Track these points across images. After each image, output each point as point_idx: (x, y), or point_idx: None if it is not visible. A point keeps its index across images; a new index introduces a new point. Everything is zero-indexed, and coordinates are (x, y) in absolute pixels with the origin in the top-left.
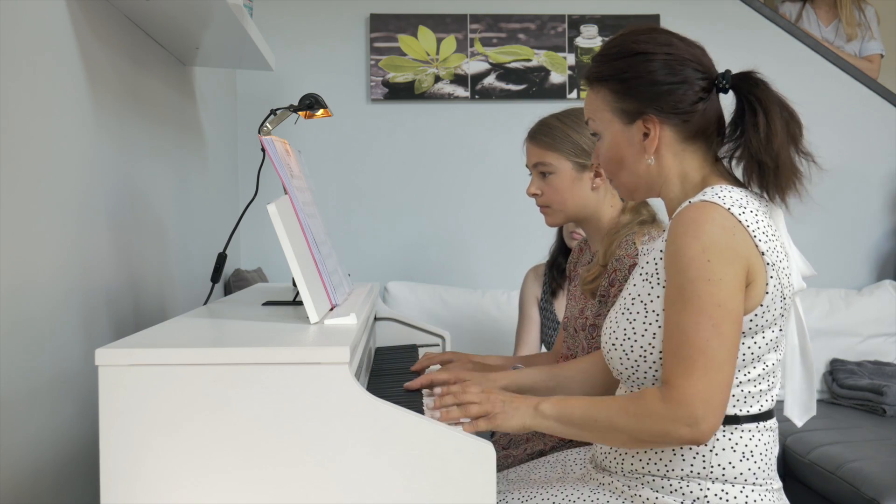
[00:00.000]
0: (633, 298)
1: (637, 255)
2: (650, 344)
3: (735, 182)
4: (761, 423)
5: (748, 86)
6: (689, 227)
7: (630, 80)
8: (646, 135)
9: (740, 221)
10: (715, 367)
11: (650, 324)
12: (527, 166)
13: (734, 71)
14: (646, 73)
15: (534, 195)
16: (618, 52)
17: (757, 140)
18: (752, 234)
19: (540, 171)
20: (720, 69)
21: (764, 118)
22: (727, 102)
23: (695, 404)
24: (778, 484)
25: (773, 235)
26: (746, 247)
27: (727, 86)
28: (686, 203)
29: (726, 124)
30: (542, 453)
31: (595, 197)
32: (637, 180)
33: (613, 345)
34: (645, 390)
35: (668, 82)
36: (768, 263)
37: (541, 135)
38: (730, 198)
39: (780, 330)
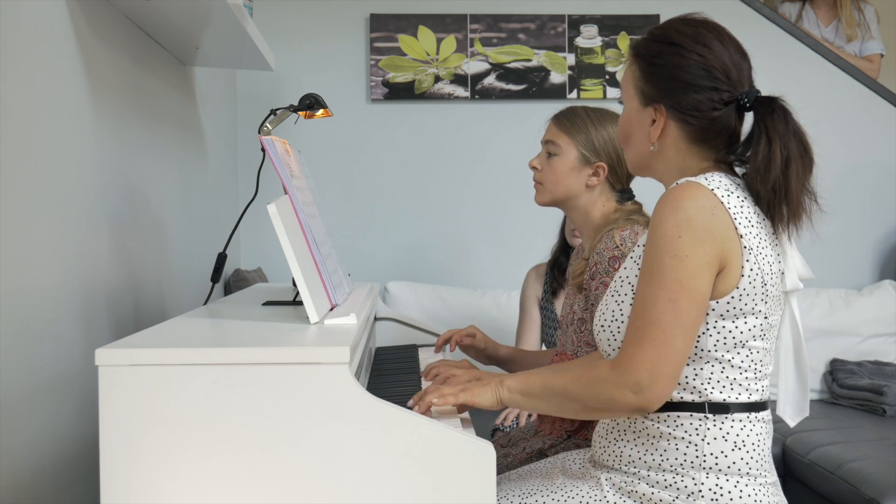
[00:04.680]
0: (622, 280)
1: (615, 248)
2: None
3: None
4: (753, 414)
5: (765, 111)
6: (668, 203)
7: (655, 67)
8: (654, 122)
9: (722, 203)
10: (665, 340)
11: None
12: (541, 141)
13: (765, 92)
14: (671, 67)
15: (533, 168)
16: (660, 34)
17: (754, 168)
18: (733, 216)
19: (548, 149)
20: None
21: (766, 148)
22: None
23: (640, 372)
24: (773, 478)
25: (757, 223)
26: (724, 227)
27: (748, 105)
28: (674, 184)
29: (740, 139)
30: (541, 453)
31: (588, 194)
32: (639, 159)
33: (602, 326)
34: (598, 361)
35: (688, 83)
36: (745, 247)
37: (563, 117)
38: (717, 181)
39: (766, 319)
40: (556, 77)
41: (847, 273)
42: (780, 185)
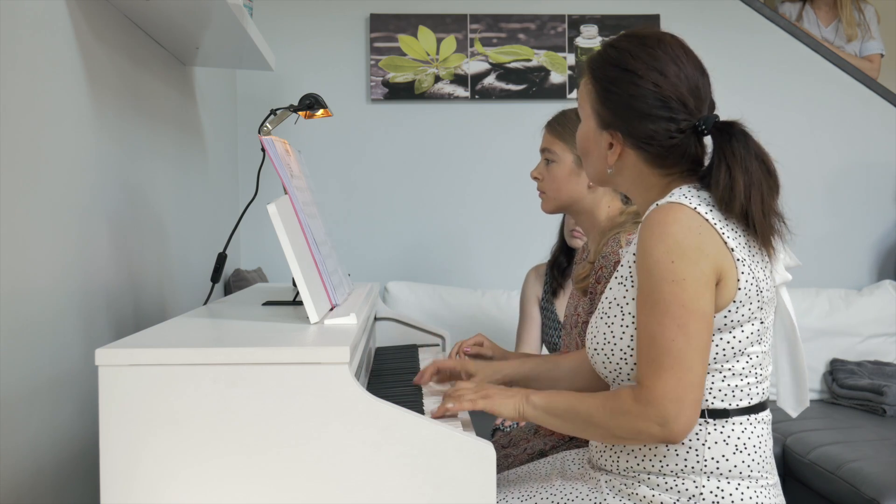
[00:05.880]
0: (610, 302)
1: (621, 251)
2: (629, 346)
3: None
4: (752, 416)
5: (724, 137)
6: (654, 229)
7: (610, 94)
8: (611, 146)
9: (707, 220)
10: (683, 367)
11: (627, 326)
12: (539, 150)
13: (734, 110)
14: (626, 96)
15: (534, 178)
16: (615, 57)
17: (717, 195)
18: (720, 231)
19: (546, 157)
20: (721, 71)
21: (727, 176)
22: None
23: (664, 404)
24: (774, 479)
25: (741, 232)
26: (714, 244)
27: (706, 131)
28: (654, 206)
29: (702, 162)
30: (542, 453)
31: (591, 195)
32: (599, 176)
33: (595, 350)
34: (622, 389)
35: (643, 113)
36: (738, 259)
37: (555, 123)
38: (696, 197)
39: (762, 323)
40: (556, 77)
41: (847, 273)
42: (747, 211)
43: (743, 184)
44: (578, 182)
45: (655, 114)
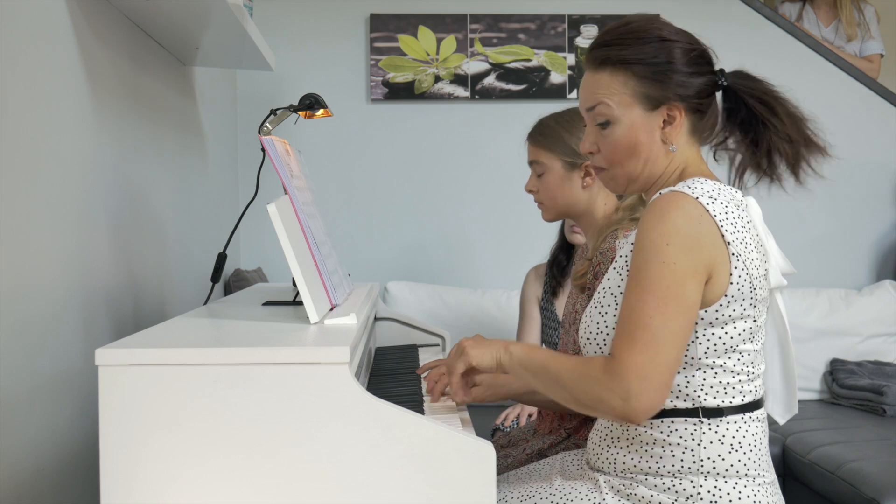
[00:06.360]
0: (605, 291)
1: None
2: None
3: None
4: (747, 414)
5: (749, 82)
6: (655, 213)
7: (657, 66)
8: (666, 122)
9: (708, 211)
10: (655, 345)
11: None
12: (528, 163)
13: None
14: (675, 60)
15: (530, 191)
16: (641, 36)
17: (781, 125)
18: (720, 223)
19: (535, 169)
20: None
21: (779, 105)
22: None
23: (630, 378)
24: (772, 477)
25: (742, 227)
26: (711, 236)
27: (725, 83)
28: (657, 194)
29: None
30: (541, 453)
31: (586, 195)
32: (642, 169)
33: (588, 339)
34: (596, 357)
35: (692, 72)
36: (733, 254)
37: (537, 134)
38: (700, 188)
39: (755, 321)
40: (556, 77)
41: (846, 273)
42: (793, 132)
43: (781, 108)
44: (572, 186)
45: (703, 69)
